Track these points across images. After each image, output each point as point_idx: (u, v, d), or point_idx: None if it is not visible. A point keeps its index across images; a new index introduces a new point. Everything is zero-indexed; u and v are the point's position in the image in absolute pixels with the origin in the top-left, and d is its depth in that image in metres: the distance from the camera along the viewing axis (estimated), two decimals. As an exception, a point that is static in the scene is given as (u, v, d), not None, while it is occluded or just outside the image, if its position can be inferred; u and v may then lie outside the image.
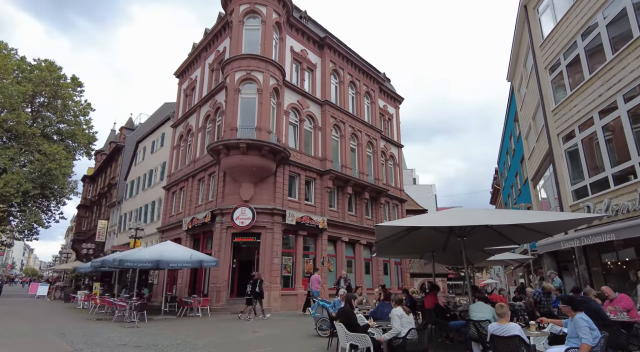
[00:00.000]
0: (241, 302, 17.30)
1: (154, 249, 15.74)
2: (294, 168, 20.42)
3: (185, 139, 24.83)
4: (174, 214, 24.03)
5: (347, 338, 6.21)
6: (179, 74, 28.03)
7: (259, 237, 18.35)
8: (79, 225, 50.24)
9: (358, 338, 6.14)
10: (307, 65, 23.13)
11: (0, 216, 29.18)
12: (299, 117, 21.75)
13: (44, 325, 12.28)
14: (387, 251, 11.40)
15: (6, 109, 27.89)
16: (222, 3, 21.48)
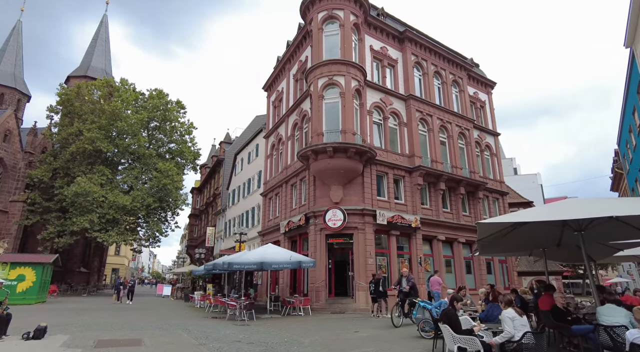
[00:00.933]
0: (340, 302, 17.73)
1: (257, 251, 16.93)
2: (381, 167, 20.21)
3: (277, 148, 26.24)
4: (271, 218, 25.51)
5: (454, 340, 5.94)
6: (267, 88, 29.79)
7: (351, 238, 18.55)
8: (191, 232, 56.23)
9: (466, 341, 5.83)
10: (388, 61, 22.79)
11: (131, 227, 34.16)
12: (382, 115, 21.51)
13: (172, 321, 14.01)
14: (491, 248, 10.59)
15: (129, 135, 32.58)
16: (301, 14, 22.31)
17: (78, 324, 12.08)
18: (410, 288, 12.57)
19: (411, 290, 12.54)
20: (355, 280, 17.76)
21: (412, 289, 12.57)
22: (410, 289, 12.54)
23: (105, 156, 33.33)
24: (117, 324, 12.21)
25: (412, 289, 12.57)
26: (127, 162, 35.43)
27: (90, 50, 49.17)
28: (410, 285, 12.64)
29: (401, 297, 12.53)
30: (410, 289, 12.55)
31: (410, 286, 12.56)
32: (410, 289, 12.54)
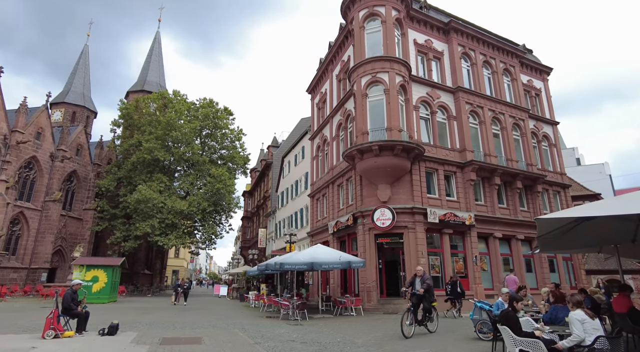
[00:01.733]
0: (392, 302, 17.45)
1: (307, 252, 17.14)
2: (430, 164, 19.63)
3: (322, 149, 26.42)
4: (320, 218, 25.72)
5: (515, 343, 5.61)
6: (310, 90, 30.12)
7: (401, 237, 18.19)
8: (244, 234, 58.18)
9: (529, 344, 5.48)
10: (433, 54, 22.11)
11: (189, 230, 36.02)
12: (429, 110, 20.89)
13: (229, 320, 14.56)
14: (553, 245, 9.86)
15: (184, 144, 34.40)
16: (342, 14, 22.31)
17: (145, 322, 12.93)
18: (426, 291, 10.52)
19: (426, 293, 10.53)
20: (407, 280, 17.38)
21: (427, 292, 10.55)
22: (425, 292, 10.51)
23: (163, 164, 35.44)
24: (179, 323, 12.91)
25: (427, 292, 10.55)
26: (182, 169, 37.44)
27: (145, 65, 52.64)
28: (426, 287, 10.51)
29: (414, 301, 10.53)
30: (426, 291, 10.52)
31: (425, 288, 10.48)
32: (426, 292, 10.52)
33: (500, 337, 6.44)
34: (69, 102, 44.34)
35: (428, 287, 10.60)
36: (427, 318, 10.56)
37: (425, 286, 10.56)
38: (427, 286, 10.58)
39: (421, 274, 11.10)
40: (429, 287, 10.65)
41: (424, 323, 10.46)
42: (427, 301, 10.61)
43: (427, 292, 10.57)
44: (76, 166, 35.91)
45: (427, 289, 10.58)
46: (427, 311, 10.56)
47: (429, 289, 10.65)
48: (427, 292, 10.57)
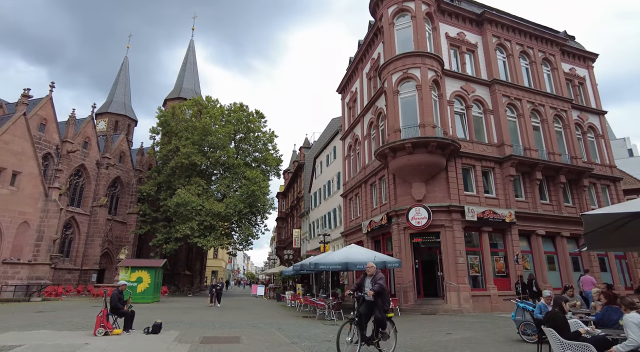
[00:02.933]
0: (430, 303, 17.08)
1: (341, 252, 17.10)
2: (467, 160, 19.03)
3: (354, 149, 26.29)
4: (353, 218, 25.60)
5: (562, 346, 5.31)
6: (340, 90, 30.06)
7: (438, 237, 17.76)
8: (279, 234, 58.96)
9: (578, 347, 5.17)
10: (467, 47, 21.45)
11: (226, 232, 37.00)
12: (464, 104, 20.27)
13: (266, 320, 14.79)
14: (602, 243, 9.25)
15: (219, 148, 35.41)
16: (371, 11, 22.12)
17: (186, 321, 13.39)
18: (377, 294, 7.32)
19: (378, 297, 7.33)
20: (445, 280, 16.95)
21: (379, 296, 7.36)
22: (376, 296, 7.28)
23: (200, 168, 36.64)
24: (218, 323, 13.26)
25: (379, 296, 7.36)
26: (218, 173, 38.56)
27: (181, 73, 54.60)
28: (377, 288, 7.36)
29: (362, 311, 7.30)
30: (377, 295, 7.31)
31: (376, 291, 7.34)
32: (377, 296, 7.31)
33: (545, 339, 6.12)
34: (111, 112, 46.88)
35: (380, 289, 7.43)
36: (380, 335, 7.38)
37: (377, 288, 7.40)
38: (378, 287, 7.43)
39: (372, 272, 7.90)
40: (381, 288, 7.46)
41: (374, 342, 7.30)
42: (380, 309, 7.40)
43: (380, 297, 7.42)
44: (120, 173, 37.80)
45: (379, 291, 7.42)
46: (380, 323, 7.35)
47: (381, 292, 7.46)
48: (380, 297, 7.42)
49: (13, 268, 23.99)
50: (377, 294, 7.35)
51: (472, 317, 14.59)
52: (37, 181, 25.94)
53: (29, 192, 25.32)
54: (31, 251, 25.07)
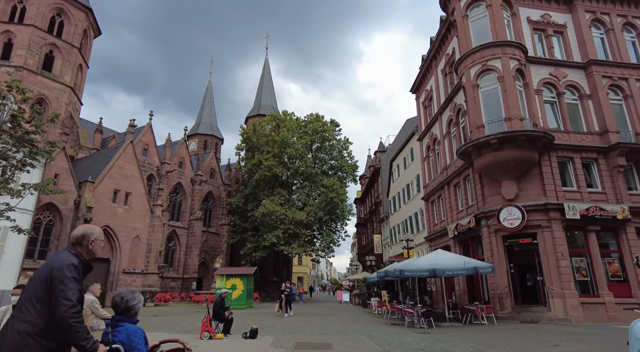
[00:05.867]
0: (530, 310, 15.65)
1: (427, 258, 16.55)
2: (563, 152, 17.21)
3: (433, 149, 25.35)
4: (437, 222, 24.59)
5: None
6: (414, 90, 29.31)
7: (535, 238, 16.27)
8: (359, 240, 58.89)
9: None
10: (553, 29, 19.54)
11: (309, 239, 38.08)
12: (555, 92, 18.42)
13: (354, 327, 14.85)
14: None
15: (297, 159, 36.81)
16: (442, 6, 21.37)
17: (278, 327, 14.02)
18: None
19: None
20: (546, 286, 15.41)
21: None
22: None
23: (281, 179, 38.36)
24: (309, 329, 13.65)
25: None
26: (298, 182, 40.00)
27: (259, 91, 57.94)
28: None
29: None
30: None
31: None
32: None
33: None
34: (200, 133, 51.54)
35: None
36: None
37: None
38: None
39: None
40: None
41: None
42: None
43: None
44: (211, 188, 41.18)
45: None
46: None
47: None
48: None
49: (131, 277, 27.41)
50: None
51: (584, 328, 13.01)
52: (144, 199, 29.40)
53: (139, 209, 28.80)
54: (143, 261, 28.41)
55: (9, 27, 29.83)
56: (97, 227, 3.00)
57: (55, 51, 31.66)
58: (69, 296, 2.48)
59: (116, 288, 26.35)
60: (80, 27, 33.73)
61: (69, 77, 32.16)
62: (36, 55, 30.13)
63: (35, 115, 9.41)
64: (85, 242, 2.83)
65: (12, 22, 30.15)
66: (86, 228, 2.90)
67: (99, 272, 25.98)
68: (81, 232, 2.84)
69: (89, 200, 25.04)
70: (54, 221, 24.37)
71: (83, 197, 24.97)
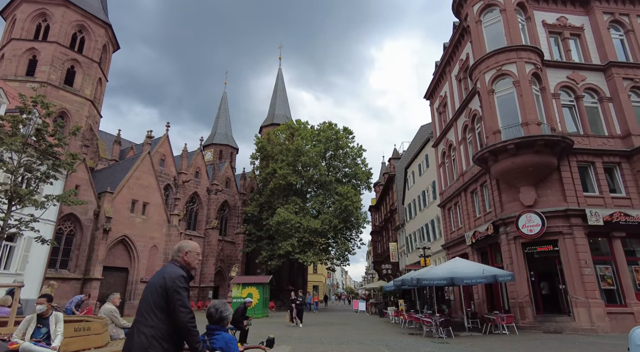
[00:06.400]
0: (553, 320, 15.19)
1: (445, 266, 16.27)
2: (583, 156, 16.79)
3: (449, 155, 25.08)
4: (454, 229, 24.21)
5: None
6: (428, 96, 29.17)
7: (556, 245, 15.84)
8: (375, 249, 58.36)
9: None
10: (570, 32, 19.25)
11: (324, 247, 37.96)
12: (573, 95, 18.06)
13: (372, 336, 14.66)
14: None
15: (311, 167, 36.89)
16: (454, 11, 21.31)
17: (294, 336, 13.94)
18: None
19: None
20: (569, 294, 14.94)
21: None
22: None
23: (296, 188, 38.45)
24: (325, 338, 13.54)
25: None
26: (312, 190, 40.01)
27: (272, 101, 58.55)
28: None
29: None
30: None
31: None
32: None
33: None
34: (216, 143, 52.25)
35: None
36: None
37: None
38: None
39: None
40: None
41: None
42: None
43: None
44: (227, 197, 41.56)
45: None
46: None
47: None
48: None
49: (148, 286, 27.75)
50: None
51: (612, 339, 12.53)
52: (161, 209, 29.84)
53: (156, 219, 29.23)
54: (160, 270, 28.76)
55: (33, 45, 31.06)
56: (191, 241, 3.33)
57: (76, 66, 32.73)
58: (185, 303, 2.90)
59: (135, 297, 26.70)
60: (100, 42, 34.83)
61: (89, 90, 33.14)
62: (59, 70, 31.21)
63: (58, 129, 9.72)
64: (181, 254, 3.18)
65: (37, 40, 31.41)
66: (181, 243, 3.27)
67: (118, 282, 26.41)
68: (177, 246, 3.22)
69: (108, 210, 25.56)
70: (74, 231, 24.92)
71: (102, 208, 25.50)
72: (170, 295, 2.88)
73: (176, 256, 3.19)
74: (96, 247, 24.55)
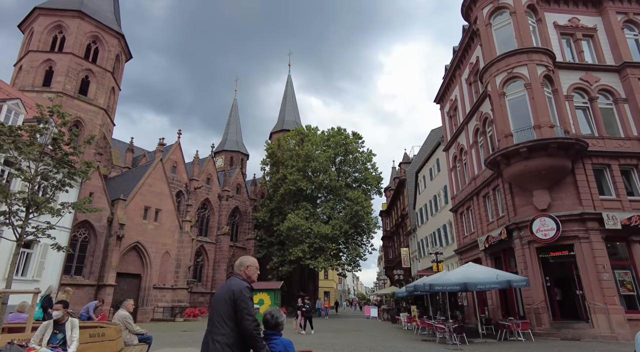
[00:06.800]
0: (570, 327, 14.85)
1: (458, 271, 16.06)
2: (598, 159, 16.49)
3: (460, 159, 24.87)
4: (467, 234, 23.92)
5: None
6: (438, 100, 29.03)
7: (572, 250, 15.53)
8: (386, 254, 57.90)
9: None
10: (582, 33, 19.02)
11: (334, 253, 37.83)
12: (587, 97, 17.80)
13: (385, 343, 14.51)
14: None
15: (321, 172, 36.91)
16: (463, 15, 21.25)
17: (306, 343, 13.88)
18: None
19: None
20: (587, 300, 14.60)
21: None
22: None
23: (306, 193, 38.51)
24: (338, 345, 13.44)
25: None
26: (322, 196, 40.02)
27: (282, 108, 58.94)
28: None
29: None
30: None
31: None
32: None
33: None
34: (227, 150, 52.74)
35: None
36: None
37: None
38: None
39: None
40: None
41: None
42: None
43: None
44: (237, 203, 41.78)
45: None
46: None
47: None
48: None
49: (161, 292, 27.94)
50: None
51: (634, 346, 12.16)
52: (174, 215, 30.13)
53: (168, 226, 29.51)
54: (172, 277, 28.95)
55: (50, 56, 31.89)
56: (251, 257, 3.71)
57: (90, 76, 33.44)
58: (251, 312, 3.22)
59: (148, 303, 26.90)
60: (113, 52, 35.56)
61: (103, 99, 33.80)
62: (73, 80, 31.93)
63: (73, 138, 9.96)
64: (242, 268, 3.56)
65: (53, 51, 32.23)
66: (242, 258, 3.67)
67: (131, 288, 26.65)
68: (239, 261, 3.63)
69: (121, 217, 25.90)
70: (89, 237, 25.30)
71: (115, 215, 25.86)
72: (238, 304, 3.21)
73: (238, 270, 3.57)
74: (110, 253, 24.86)
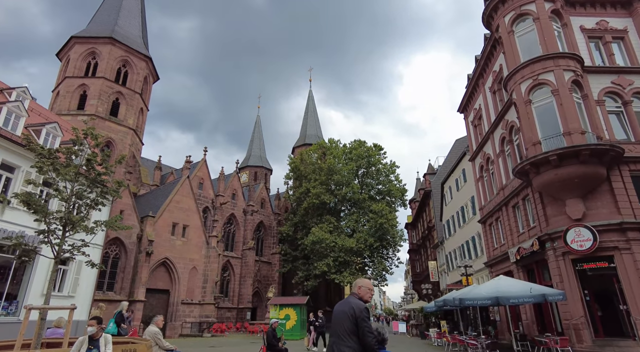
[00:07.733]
0: (615, 345, 14.00)
1: (489, 285, 15.51)
2: (636, 165, 15.73)
3: (487, 169, 24.28)
4: (497, 246, 23.15)
5: None
6: (462, 109, 28.62)
7: (612, 261, 14.73)
8: (413, 267, 56.66)
9: None
10: (612, 35, 18.45)
11: (360, 267, 37.34)
12: (621, 101, 17.12)
13: (414, 359, 14.08)
14: None
15: (344, 185, 36.82)
16: (485, 23, 21.05)
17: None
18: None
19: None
20: (632, 316, 13.75)
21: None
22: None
23: (329, 206, 38.42)
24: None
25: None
26: (346, 209, 39.80)
27: (304, 122, 59.56)
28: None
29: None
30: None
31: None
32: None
33: None
34: (251, 165, 53.60)
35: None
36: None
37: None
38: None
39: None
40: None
41: None
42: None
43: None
44: (262, 217, 42.15)
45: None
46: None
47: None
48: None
49: (189, 307, 28.28)
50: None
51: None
52: (200, 231, 30.66)
53: (195, 241, 30.03)
54: (200, 292, 29.28)
55: (84, 81, 33.75)
56: (365, 279, 4.22)
57: (120, 98, 35.00)
58: (371, 329, 3.76)
59: (176, 319, 27.25)
60: (142, 74, 37.15)
61: (132, 120, 35.21)
62: (105, 103, 33.52)
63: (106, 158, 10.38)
64: (356, 288, 4.10)
65: (87, 76, 34.08)
66: (357, 280, 4.19)
67: (160, 303, 27.12)
68: (354, 283, 4.16)
69: (150, 234, 26.57)
70: (119, 254, 26.04)
71: (145, 231, 26.56)
72: (359, 323, 3.74)
73: (354, 290, 4.09)
74: (139, 269, 25.47)
